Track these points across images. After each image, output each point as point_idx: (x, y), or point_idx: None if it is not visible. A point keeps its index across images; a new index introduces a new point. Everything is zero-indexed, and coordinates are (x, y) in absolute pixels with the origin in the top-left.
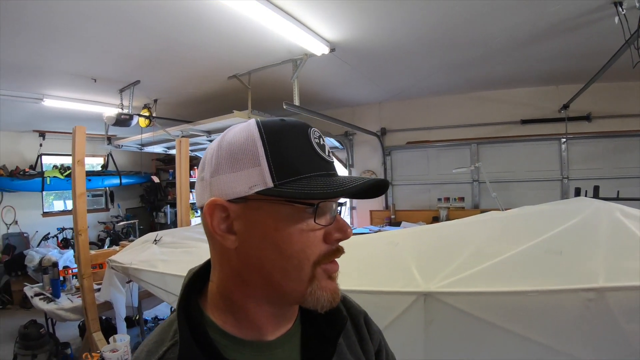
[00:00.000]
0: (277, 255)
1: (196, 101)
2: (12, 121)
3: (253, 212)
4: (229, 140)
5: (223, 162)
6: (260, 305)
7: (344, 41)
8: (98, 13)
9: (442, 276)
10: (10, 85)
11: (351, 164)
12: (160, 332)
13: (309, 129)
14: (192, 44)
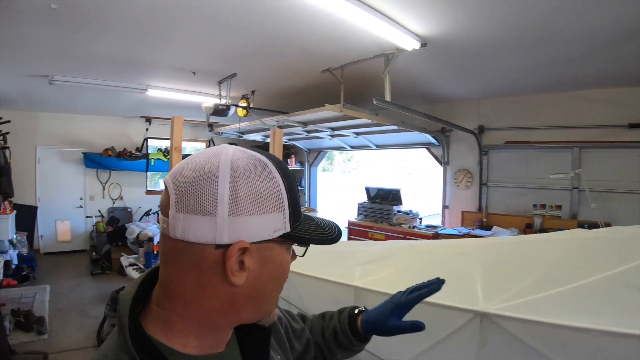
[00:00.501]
0: (275, 285)
1: (291, 93)
2: (120, 108)
3: (266, 251)
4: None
5: (247, 203)
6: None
7: (435, 36)
8: (198, 13)
9: (505, 297)
10: (119, 76)
11: (446, 162)
12: None
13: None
14: (287, 39)
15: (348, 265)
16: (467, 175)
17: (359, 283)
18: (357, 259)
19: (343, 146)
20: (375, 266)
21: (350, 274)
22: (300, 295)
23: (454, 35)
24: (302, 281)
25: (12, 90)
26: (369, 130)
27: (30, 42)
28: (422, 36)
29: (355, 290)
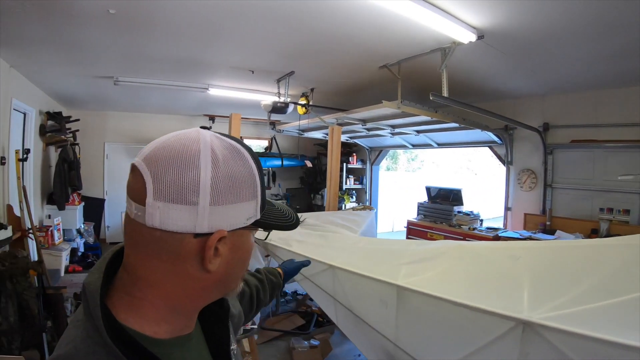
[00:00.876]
0: (242, 267)
1: (349, 90)
2: (184, 106)
3: (238, 237)
4: (231, 172)
5: (225, 192)
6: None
7: (493, 27)
8: (255, 12)
9: (552, 306)
10: (180, 76)
11: (510, 161)
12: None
13: None
14: (343, 36)
15: (395, 263)
16: (530, 176)
17: (402, 282)
18: (405, 257)
19: (404, 144)
20: (421, 266)
21: (395, 272)
22: (346, 291)
23: (513, 26)
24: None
25: (81, 91)
26: (429, 128)
27: (94, 45)
28: (478, 28)
29: (397, 289)
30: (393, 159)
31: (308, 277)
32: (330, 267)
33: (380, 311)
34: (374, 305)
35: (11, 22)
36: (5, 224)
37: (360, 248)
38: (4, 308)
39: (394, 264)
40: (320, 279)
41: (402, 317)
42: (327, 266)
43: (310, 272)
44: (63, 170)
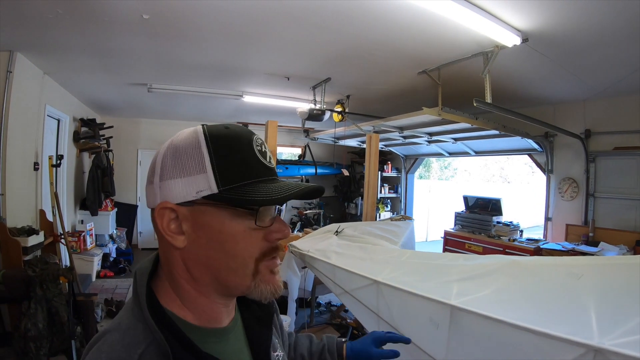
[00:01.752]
0: (222, 254)
1: (387, 97)
2: (218, 114)
3: (200, 215)
4: (176, 146)
5: (171, 167)
6: (210, 299)
7: (538, 30)
8: (291, 17)
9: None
10: (214, 83)
11: (550, 170)
12: (124, 336)
13: (253, 136)
14: (381, 41)
15: (444, 280)
16: (572, 185)
17: (456, 302)
18: (455, 274)
19: (441, 152)
20: (474, 284)
21: (446, 290)
22: (390, 308)
23: (558, 28)
24: (394, 295)
25: (115, 98)
26: (467, 136)
27: (129, 52)
28: (523, 31)
29: (451, 309)
30: (426, 167)
31: (349, 291)
32: (374, 283)
33: (430, 331)
34: (422, 325)
35: (44, 29)
36: (37, 229)
37: (404, 262)
38: (33, 314)
39: (444, 280)
40: (362, 294)
41: (455, 339)
42: (370, 281)
43: (351, 287)
44: (96, 176)
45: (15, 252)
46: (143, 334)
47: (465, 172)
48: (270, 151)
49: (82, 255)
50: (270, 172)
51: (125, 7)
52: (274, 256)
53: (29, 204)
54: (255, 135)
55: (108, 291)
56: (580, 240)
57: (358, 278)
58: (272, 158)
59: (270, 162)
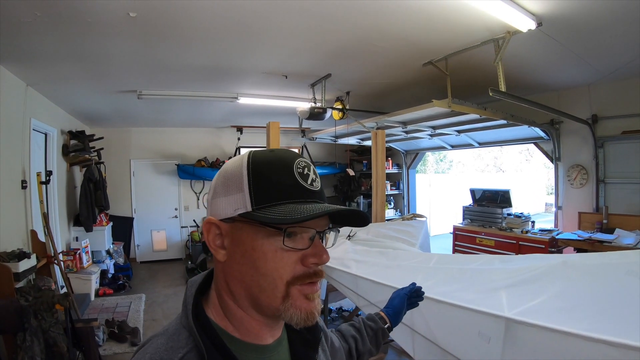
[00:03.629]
0: (254, 271)
1: (390, 91)
2: (212, 118)
3: (237, 231)
4: (226, 168)
5: (219, 187)
6: (249, 314)
7: (552, 13)
8: (289, 9)
9: None
10: (207, 86)
11: (557, 157)
12: (168, 341)
13: (295, 160)
14: (384, 31)
15: (487, 288)
16: (581, 172)
17: (511, 314)
18: (496, 280)
19: (443, 146)
20: (524, 290)
21: (494, 300)
22: (428, 322)
23: (572, 11)
24: (430, 306)
25: (104, 107)
26: (472, 127)
27: (115, 57)
28: (537, 14)
29: (506, 322)
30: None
31: (375, 303)
32: None
33: (479, 346)
34: (470, 339)
35: (23, 35)
36: (29, 252)
37: (435, 268)
38: (29, 347)
39: (487, 287)
40: None
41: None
42: None
43: (378, 299)
44: (89, 190)
45: (6, 279)
46: (186, 340)
47: (459, 163)
48: (316, 174)
49: (79, 274)
50: (309, 194)
51: (110, 4)
52: (311, 282)
53: (19, 225)
54: (298, 159)
55: (108, 310)
56: (595, 227)
57: (385, 289)
58: (315, 181)
59: (312, 184)
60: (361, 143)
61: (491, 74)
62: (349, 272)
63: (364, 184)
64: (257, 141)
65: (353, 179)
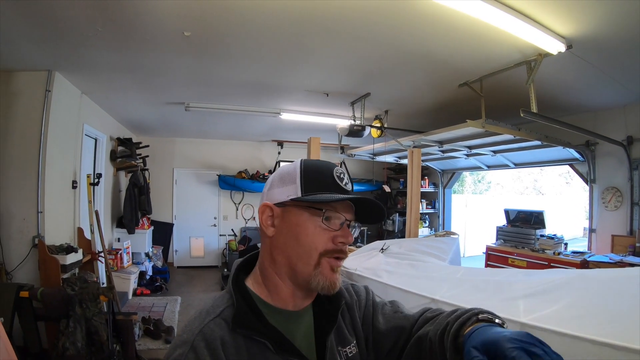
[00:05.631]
0: (295, 242)
1: (427, 111)
2: (254, 132)
3: (287, 213)
4: (282, 169)
5: (276, 181)
6: (284, 282)
7: (582, 36)
8: (331, 31)
9: None
10: (252, 101)
11: (592, 179)
12: (214, 302)
13: (334, 167)
14: (422, 53)
15: (507, 297)
16: (616, 194)
17: (526, 319)
18: (517, 290)
19: (479, 166)
20: (541, 299)
21: (512, 308)
22: None
23: (603, 33)
24: None
25: (152, 117)
26: (508, 148)
27: (167, 71)
28: (567, 37)
29: (521, 327)
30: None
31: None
32: (432, 302)
33: None
34: None
35: (83, 47)
36: (76, 247)
37: (461, 279)
38: (71, 333)
39: (508, 297)
40: None
41: None
42: (428, 300)
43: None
44: (133, 194)
45: (54, 270)
46: (228, 299)
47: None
48: (350, 180)
49: (119, 273)
50: (343, 191)
51: (167, 24)
52: (337, 256)
53: (67, 222)
54: (337, 167)
55: (145, 309)
56: (627, 251)
57: (414, 297)
58: (349, 184)
59: (346, 185)
60: (399, 161)
61: (525, 95)
62: (380, 281)
63: (400, 202)
64: (296, 156)
65: (389, 197)
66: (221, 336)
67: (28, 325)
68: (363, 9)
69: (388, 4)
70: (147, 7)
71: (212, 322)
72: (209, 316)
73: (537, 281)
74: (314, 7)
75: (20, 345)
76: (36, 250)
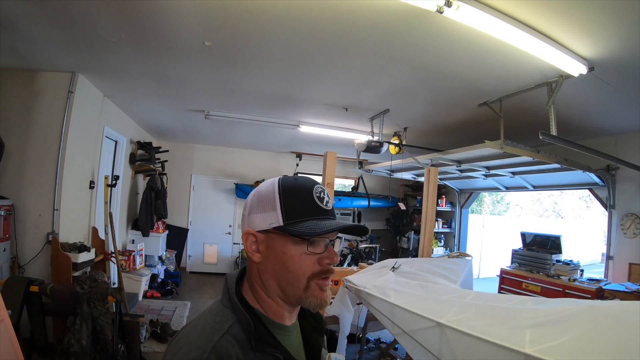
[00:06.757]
0: (283, 269)
1: (445, 129)
2: (273, 143)
3: (271, 240)
4: (259, 191)
5: (255, 206)
6: (276, 302)
7: (604, 58)
8: (353, 47)
9: None
10: (272, 113)
11: (612, 205)
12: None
13: (314, 186)
14: (443, 72)
15: (514, 325)
16: (635, 221)
17: (531, 350)
18: (525, 319)
19: (497, 187)
20: (549, 330)
21: (518, 337)
22: (455, 353)
23: (625, 55)
24: (458, 338)
25: (173, 123)
26: (526, 170)
27: (188, 79)
28: (589, 59)
29: (525, 358)
30: (478, 201)
31: (408, 332)
32: (438, 325)
33: None
34: None
35: (107, 52)
36: (89, 246)
37: (469, 304)
38: (77, 330)
39: (514, 325)
40: (424, 337)
41: None
42: (434, 323)
43: (412, 328)
44: (150, 198)
45: (66, 267)
46: (231, 315)
47: (517, 206)
48: (329, 197)
49: (131, 274)
50: (324, 213)
51: (188, 34)
52: (324, 277)
53: (82, 221)
54: (317, 186)
55: (154, 312)
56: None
57: (419, 319)
58: (329, 202)
59: (326, 205)
60: (416, 179)
61: (545, 117)
62: (387, 300)
63: (416, 219)
64: (314, 168)
65: (406, 214)
66: (236, 354)
67: (36, 319)
68: (384, 26)
69: (409, 23)
70: (169, 16)
71: (222, 340)
72: (217, 333)
73: (547, 310)
74: (335, 22)
75: (27, 337)
76: (49, 246)
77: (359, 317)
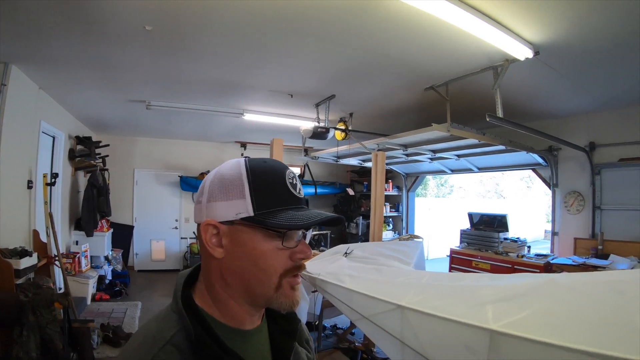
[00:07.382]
0: (253, 267)
1: (392, 114)
2: (217, 133)
3: (238, 233)
4: (222, 174)
5: (217, 191)
6: (238, 303)
7: (549, 43)
8: (297, 31)
9: None
10: (215, 101)
11: (555, 184)
12: (158, 324)
13: (286, 171)
14: (387, 55)
15: (475, 303)
16: (578, 198)
17: (496, 326)
18: (485, 296)
19: (443, 170)
20: (510, 305)
21: (480, 314)
22: (418, 335)
23: (570, 40)
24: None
25: (113, 115)
26: (472, 152)
27: (128, 67)
28: (534, 43)
29: (491, 334)
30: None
31: (367, 317)
32: (398, 307)
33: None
34: (455, 351)
35: (41, 40)
36: (30, 251)
37: (427, 284)
38: (25, 342)
39: (475, 302)
40: (384, 320)
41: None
42: (394, 306)
43: (370, 312)
44: (92, 195)
45: (7, 275)
46: (176, 321)
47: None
48: (300, 183)
49: (77, 277)
50: (298, 201)
51: (128, 17)
52: (295, 274)
53: (22, 223)
54: (288, 170)
55: (104, 315)
56: (590, 253)
57: (378, 303)
58: (301, 190)
59: (299, 193)
60: (362, 164)
61: (491, 100)
62: (343, 286)
63: (364, 205)
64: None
65: (353, 200)
66: None
67: None
68: (329, 9)
69: (354, 5)
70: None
71: (162, 352)
72: (157, 344)
73: (505, 286)
74: (279, 7)
75: None
76: None
77: (315, 304)
